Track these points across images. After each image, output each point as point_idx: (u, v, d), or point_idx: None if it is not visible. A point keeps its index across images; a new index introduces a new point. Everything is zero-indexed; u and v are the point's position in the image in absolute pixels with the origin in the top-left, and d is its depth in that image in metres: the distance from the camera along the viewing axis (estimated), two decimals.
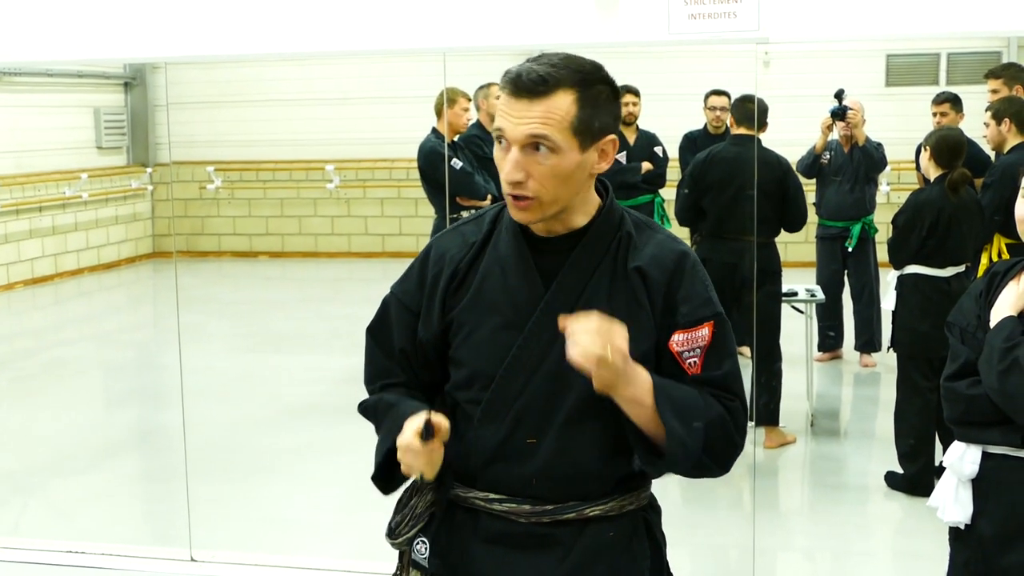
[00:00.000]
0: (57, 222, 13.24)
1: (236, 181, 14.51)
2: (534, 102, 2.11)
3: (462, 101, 7.37)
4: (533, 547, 2.24)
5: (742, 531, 5.00)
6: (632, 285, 2.21)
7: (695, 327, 2.20)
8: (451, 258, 2.30)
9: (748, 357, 6.93)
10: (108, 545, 5.12)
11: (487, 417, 2.23)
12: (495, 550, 2.26)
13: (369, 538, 2.43)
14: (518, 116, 2.12)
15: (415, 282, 2.34)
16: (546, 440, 2.21)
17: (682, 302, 2.21)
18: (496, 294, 2.23)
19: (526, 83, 2.11)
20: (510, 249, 2.25)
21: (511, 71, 2.14)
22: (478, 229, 2.32)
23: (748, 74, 6.93)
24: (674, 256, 2.24)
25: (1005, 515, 2.75)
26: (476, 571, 2.28)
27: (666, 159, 8.61)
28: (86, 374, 9.21)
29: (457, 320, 2.27)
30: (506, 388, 2.22)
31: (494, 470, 2.25)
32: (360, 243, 14.29)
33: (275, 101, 14.08)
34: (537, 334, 2.19)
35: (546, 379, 2.20)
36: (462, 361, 2.28)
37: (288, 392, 8.14)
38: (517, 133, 2.12)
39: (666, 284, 2.21)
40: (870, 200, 8.29)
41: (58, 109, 13.45)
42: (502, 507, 2.24)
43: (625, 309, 2.19)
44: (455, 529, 2.30)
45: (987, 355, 2.72)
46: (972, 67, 11.95)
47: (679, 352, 2.20)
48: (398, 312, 2.35)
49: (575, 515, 2.22)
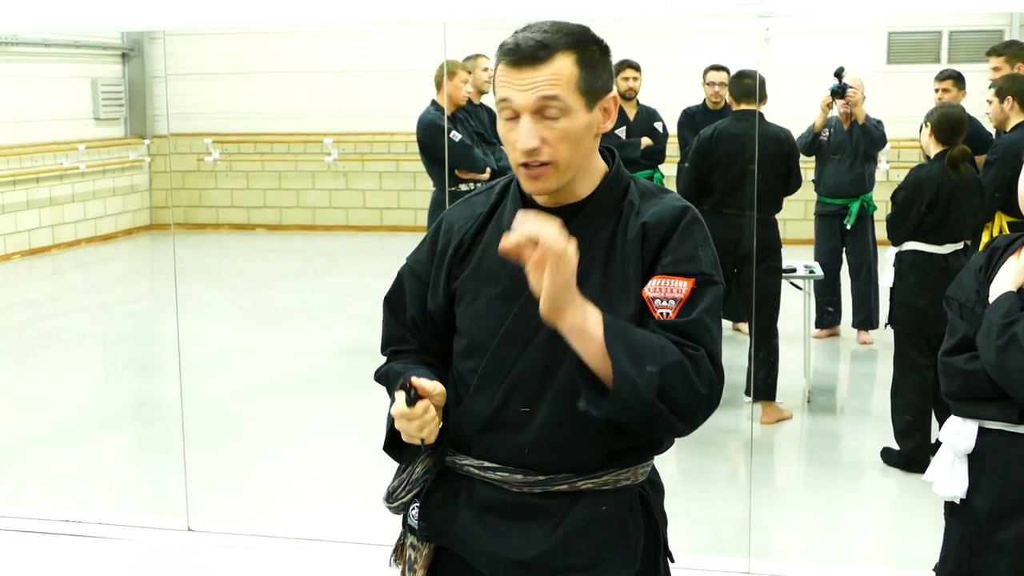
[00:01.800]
0: (54, 193, 13.22)
1: (234, 153, 14.49)
2: (537, 68, 2.11)
3: (462, 73, 7.34)
4: (524, 517, 2.24)
5: (738, 505, 5.01)
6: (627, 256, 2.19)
7: (671, 276, 2.15)
8: (459, 228, 2.32)
9: (746, 333, 6.95)
10: (105, 514, 5.12)
11: (482, 385, 2.24)
12: (486, 517, 2.27)
13: (366, 508, 2.44)
14: (525, 83, 2.12)
15: (427, 252, 2.37)
16: (540, 410, 2.21)
17: (666, 253, 2.18)
18: (495, 263, 2.22)
19: (526, 51, 2.11)
20: (512, 218, 2.24)
21: (507, 43, 2.14)
22: (487, 200, 2.35)
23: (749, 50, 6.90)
24: (675, 212, 2.21)
25: (1000, 490, 2.75)
26: (467, 537, 2.29)
27: (666, 135, 8.59)
28: (83, 345, 9.21)
29: (460, 290, 2.29)
30: (501, 357, 2.22)
31: (488, 438, 2.25)
32: (358, 216, 14.28)
33: (274, 73, 14.04)
34: (533, 304, 2.17)
35: (541, 349, 2.20)
36: (463, 330, 2.30)
37: (285, 364, 8.14)
38: (527, 100, 2.12)
39: (662, 235, 2.19)
40: (869, 178, 8.28)
41: (55, 80, 13.41)
42: (495, 475, 2.25)
43: (617, 280, 2.19)
44: (448, 495, 2.31)
45: (985, 330, 2.72)
46: (974, 45, 11.92)
47: (651, 298, 2.14)
48: (411, 282, 2.39)
49: (567, 487, 2.22)
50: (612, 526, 2.25)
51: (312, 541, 4.87)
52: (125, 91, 14.56)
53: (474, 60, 7.69)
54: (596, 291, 2.16)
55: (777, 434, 6.52)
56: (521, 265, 2.08)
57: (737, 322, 8.36)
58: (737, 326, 8.38)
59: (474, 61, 7.68)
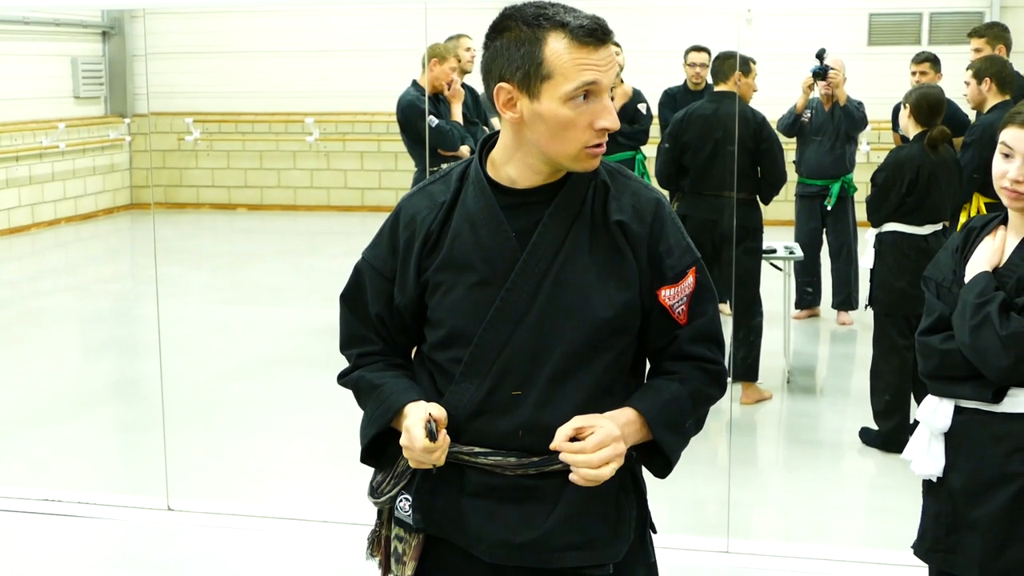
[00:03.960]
0: (34, 172, 13.16)
1: (215, 133, 14.44)
2: (608, 46, 2.14)
3: (452, 60, 7.27)
4: (520, 499, 2.24)
5: (718, 485, 5.03)
6: (613, 236, 2.22)
7: (681, 279, 2.25)
8: (422, 220, 2.28)
9: (727, 314, 6.96)
10: (85, 494, 5.12)
11: (469, 372, 2.23)
12: (482, 503, 2.26)
13: (346, 488, 2.44)
14: (605, 62, 2.13)
15: (387, 247, 2.33)
16: (532, 392, 2.21)
17: (666, 255, 2.23)
18: (468, 251, 2.23)
19: (604, 29, 2.13)
20: (479, 204, 2.24)
21: (577, 24, 2.11)
22: (446, 188, 2.30)
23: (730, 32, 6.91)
24: (652, 206, 2.26)
25: (975, 468, 2.77)
26: (463, 525, 2.27)
27: (650, 116, 8.58)
28: (63, 324, 9.19)
29: (432, 281, 2.27)
30: (489, 343, 2.21)
31: (479, 423, 2.24)
32: (339, 196, 14.25)
33: (255, 52, 13.99)
34: (519, 288, 2.19)
35: (529, 332, 2.20)
36: (440, 321, 2.27)
37: (266, 344, 8.14)
38: (610, 77, 2.14)
39: (648, 235, 2.23)
40: (850, 159, 8.30)
41: (35, 58, 13.33)
42: (488, 460, 2.24)
43: (607, 261, 2.20)
44: (440, 484, 2.29)
45: (960, 310, 2.74)
46: (954, 27, 11.95)
47: (670, 305, 2.25)
48: (372, 278, 2.35)
49: (561, 467, 2.20)
50: (606, 503, 2.26)
51: (292, 520, 4.88)
52: (105, 70, 14.49)
53: (456, 40, 7.65)
54: (583, 273, 2.19)
55: (757, 414, 6.55)
56: (496, 252, 2.18)
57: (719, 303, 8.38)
58: (720, 307, 8.40)
59: (456, 41, 7.64)
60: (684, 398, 2.26)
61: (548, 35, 2.10)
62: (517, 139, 2.21)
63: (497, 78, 2.17)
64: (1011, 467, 2.72)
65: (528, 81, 2.12)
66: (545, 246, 2.20)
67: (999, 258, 2.78)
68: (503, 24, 2.16)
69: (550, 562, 2.24)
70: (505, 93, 2.16)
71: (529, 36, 2.11)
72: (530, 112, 2.14)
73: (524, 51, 2.12)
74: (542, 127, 2.14)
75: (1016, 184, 2.72)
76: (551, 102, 2.12)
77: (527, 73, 2.12)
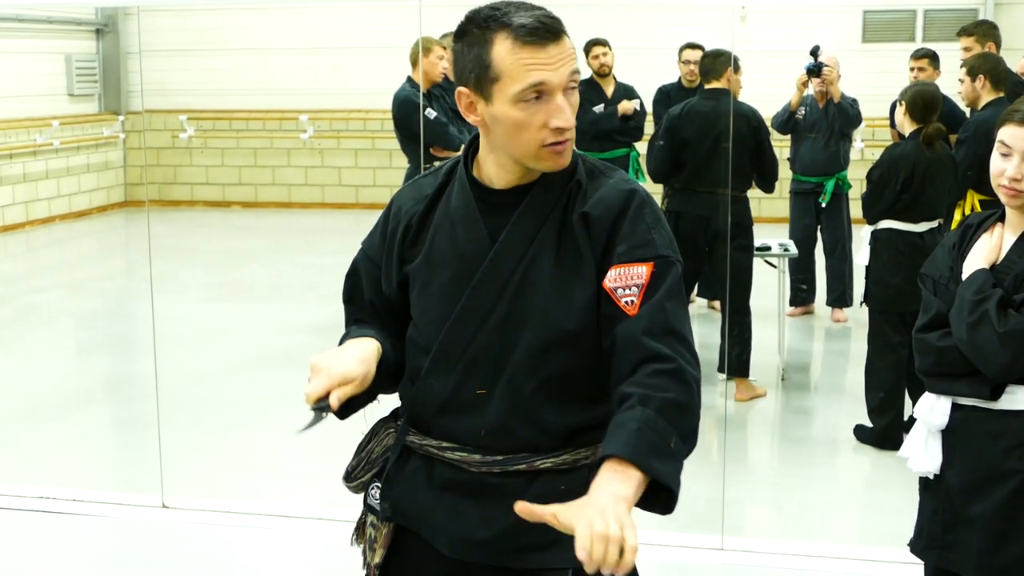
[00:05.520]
0: (28, 169, 13.13)
1: (209, 130, 14.42)
2: (560, 43, 2.11)
3: (437, 49, 7.31)
4: (483, 496, 2.24)
5: (711, 482, 5.03)
6: (577, 235, 2.19)
7: (628, 263, 2.15)
8: (407, 211, 2.31)
9: (719, 310, 6.96)
10: (79, 491, 5.12)
11: (436, 368, 2.24)
12: (445, 496, 2.26)
13: (340, 486, 2.43)
14: (556, 60, 2.10)
15: (379, 236, 2.37)
16: (496, 391, 2.20)
17: (620, 241, 2.17)
18: (445, 247, 2.24)
19: (550, 26, 2.10)
20: (459, 202, 2.24)
21: (520, 24, 2.09)
22: (434, 181, 2.32)
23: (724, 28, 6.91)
24: (621, 196, 2.20)
25: (972, 466, 2.78)
26: (427, 517, 2.28)
27: (644, 113, 8.59)
28: (58, 322, 9.18)
29: (412, 275, 2.29)
30: (454, 340, 2.22)
31: (445, 420, 2.25)
32: (334, 194, 14.24)
33: (249, 49, 13.96)
34: (485, 286, 2.19)
35: (495, 331, 2.20)
36: (415, 314, 2.30)
37: (261, 341, 8.13)
38: (561, 76, 2.11)
39: (609, 224, 2.18)
40: (844, 156, 8.31)
41: (29, 55, 13.29)
42: (454, 455, 2.25)
43: (572, 262, 2.19)
44: (409, 475, 2.31)
45: (958, 307, 2.75)
46: (948, 24, 11.94)
47: (612, 288, 2.14)
48: (365, 265, 2.39)
49: (525, 467, 2.21)
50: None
51: (286, 518, 4.88)
52: (99, 67, 14.45)
53: (449, 37, 7.66)
54: (548, 274, 2.17)
55: (751, 411, 6.55)
56: (470, 250, 2.18)
57: (711, 300, 8.39)
58: (711, 304, 8.41)
59: (449, 38, 7.65)
60: (652, 419, 2.04)
61: (495, 36, 2.10)
62: (488, 141, 2.22)
63: (458, 82, 2.18)
64: (1008, 464, 2.72)
65: (480, 84, 2.13)
66: (512, 245, 2.19)
67: (996, 255, 2.79)
68: (463, 27, 2.17)
69: (509, 561, 2.24)
70: (465, 97, 2.17)
71: (479, 38, 2.12)
72: (488, 115, 2.15)
73: (474, 54, 2.13)
74: (499, 129, 2.15)
75: (1014, 182, 2.72)
76: (502, 104, 2.12)
77: (479, 76, 2.13)
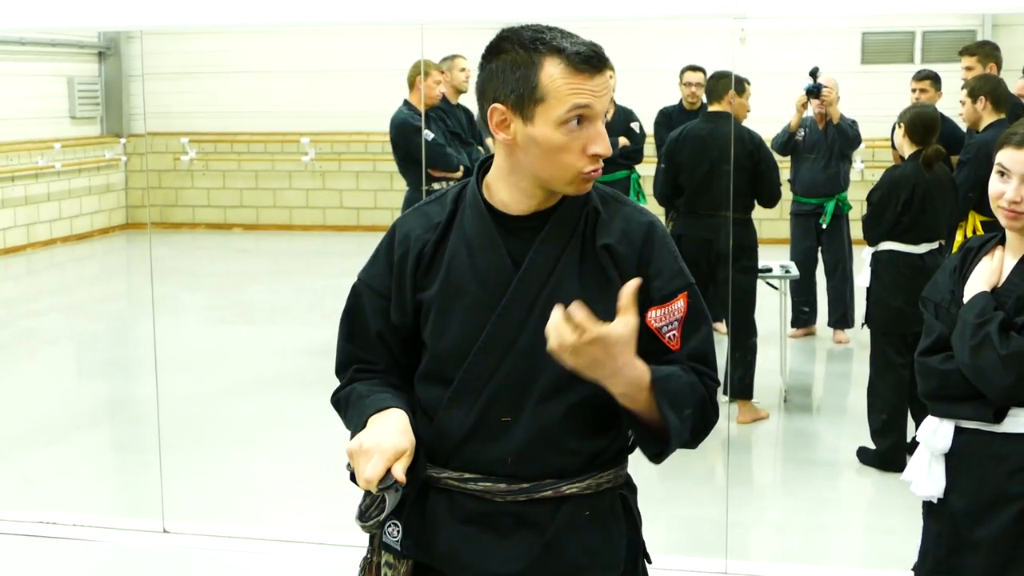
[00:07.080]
0: (29, 192, 13.14)
1: (211, 153, 14.43)
2: (604, 73, 2.16)
3: (435, 73, 7.34)
4: (508, 527, 2.23)
5: (715, 505, 5.02)
6: (601, 262, 2.21)
7: (670, 301, 2.22)
8: (416, 238, 2.28)
9: (723, 333, 6.96)
10: (80, 515, 5.10)
11: (459, 397, 2.22)
12: (469, 530, 2.24)
13: (342, 510, 2.42)
14: (600, 88, 2.14)
15: (383, 265, 2.32)
16: (521, 418, 2.20)
17: (654, 277, 2.22)
18: (463, 275, 2.23)
19: (600, 56, 2.14)
20: (476, 228, 2.24)
21: (575, 52, 2.12)
22: (442, 209, 2.30)
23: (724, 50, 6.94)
24: (642, 229, 2.25)
25: (976, 489, 2.77)
26: (451, 551, 2.26)
27: (643, 135, 8.60)
28: (58, 345, 9.17)
29: (427, 303, 2.26)
30: (478, 368, 2.21)
31: (468, 449, 2.23)
32: (335, 216, 14.24)
33: (251, 72, 13.99)
34: (510, 313, 2.19)
35: (520, 357, 2.19)
36: (430, 342, 2.27)
37: (262, 364, 8.12)
38: (604, 104, 2.16)
39: (636, 258, 2.22)
40: (844, 177, 8.31)
41: (31, 78, 13.32)
42: (477, 486, 2.23)
43: (596, 287, 2.19)
44: (429, 510, 2.28)
45: (960, 330, 2.74)
46: (947, 45, 11.96)
47: (658, 328, 2.20)
48: (370, 298, 2.33)
49: (551, 493, 2.21)
50: (595, 531, 2.25)
51: (288, 542, 4.86)
52: (101, 90, 14.48)
53: (451, 61, 7.68)
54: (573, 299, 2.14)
55: (754, 433, 6.54)
56: (492, 276, 2.17)
57: (714, 322, 8.39)
58: (714, 326, 8.41)
59: (451, 62, 7.68)
60: (690, 385, 2.20)
61: (544, 59, 2.12)
62: (510, 162, 2.21)
63: (491, 99, 2.17)
64: (1013, 487, 2.71)
65: (522, 104, 2.13)
66: (536, 271, 2.20)
67: (997, 278, 2.78)
68: (500, 46, 2.17)
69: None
70: (499, 114, 2.17)
71: (525, 59, 2.13)
72: (523, 135, 2.15)
73: (520, 74, 2.13)
74: (535, 150, 2.15)
75: (1013, 204, 2.72)
76: (544, 126, 2.13)
77: (521, 96, 2.13)
